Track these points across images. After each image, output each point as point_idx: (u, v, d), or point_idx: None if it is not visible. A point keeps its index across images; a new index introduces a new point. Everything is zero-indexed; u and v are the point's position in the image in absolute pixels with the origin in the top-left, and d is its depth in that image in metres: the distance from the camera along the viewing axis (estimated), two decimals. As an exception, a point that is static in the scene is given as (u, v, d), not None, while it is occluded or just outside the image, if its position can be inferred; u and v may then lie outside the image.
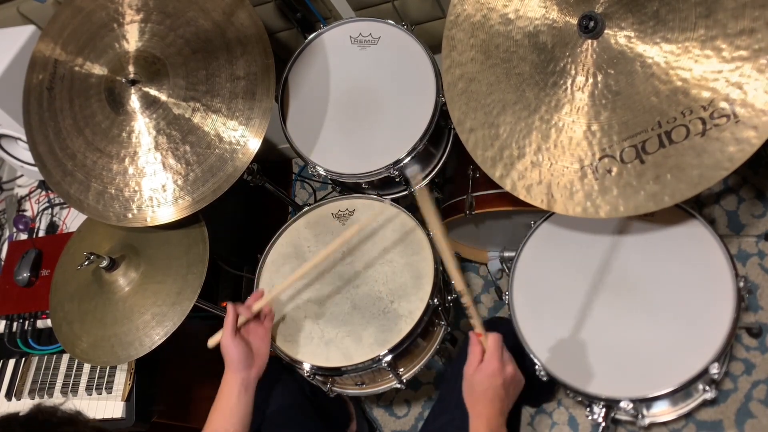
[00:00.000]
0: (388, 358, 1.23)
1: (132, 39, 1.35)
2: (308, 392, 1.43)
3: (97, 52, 1.37)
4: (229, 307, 1.16)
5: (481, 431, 1.01)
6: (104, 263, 1.33)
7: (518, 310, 1.24)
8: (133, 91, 1.30)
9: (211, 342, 1.18)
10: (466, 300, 1.07)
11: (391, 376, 1.32)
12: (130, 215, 1.32)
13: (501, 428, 1.02)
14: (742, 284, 1.11)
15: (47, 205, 1.80)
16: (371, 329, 1.26)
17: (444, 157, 1.49)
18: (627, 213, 1.02)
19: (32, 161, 1.41)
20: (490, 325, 1.41)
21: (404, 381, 1.33)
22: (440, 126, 1.42)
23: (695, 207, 1.21)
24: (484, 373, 1.03)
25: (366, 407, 1.83)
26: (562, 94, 1.10)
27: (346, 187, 1.55)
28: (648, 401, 1.10)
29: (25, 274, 1.60)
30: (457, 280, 1.07)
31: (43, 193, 1.83)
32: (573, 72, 1.08)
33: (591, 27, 1.03)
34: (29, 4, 1.65)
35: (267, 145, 2.14)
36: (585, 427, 1.61)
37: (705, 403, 1.30)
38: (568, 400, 1.64)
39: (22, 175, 1.90)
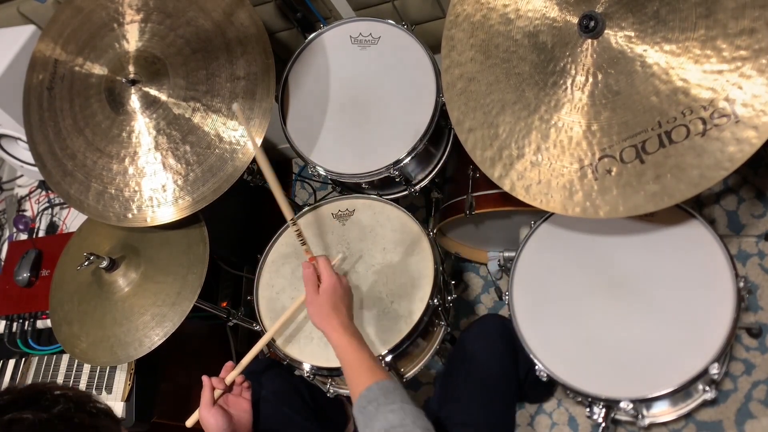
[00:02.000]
0: (388, 358, 1.23)
1: (132, 39, 1.35)
2: (305, 393, 1.43)
3: (97, 52, 1.37)
4: (205, 380, 1.14)
5: (343, 340, 1.07)
6: (104, 264, 1.33)
7: (518, 310, 1.24)
8: (133, 91, 1.30)
9: (189, 422, 1.16)
10: (295, 228, 1.15)
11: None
12: (130, 215, 1.32)
13: (356, 330, 1.10)
14: (742, 284, 1.11)
15: (47, 205, 1.80)
16: (371, 329, 1.26)
17: (444, 157, 1.49)
18: (626, 213, 1.02)
19: (32, 161, 1.41)
20: (485, 321, 1.42)
21: (404, 381, 1.33)
22: (440, 126, 1.42)
23: (695, 207, 1.21)
24: (327, 290, 1.11)
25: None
26: (561, 94, 1.09)
27: (346, 187, 1.55)
28: (648, 401, 1.10)
29: (25, 274, 1.60)
30: (285, 210, 1.16)
31: (43, 193, 1.83)
32: (573, 72, 1.08)
33: (591, 27, 1.03)
34: (29, 4, 1.65)
35: (267, 145, 2.14)
36: (585, 427, 1.61)
37: (705, 404, 1.30)
38: (568, 400, 1.64)
39: (22, 175, 1.90)
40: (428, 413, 1.32)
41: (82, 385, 1.48)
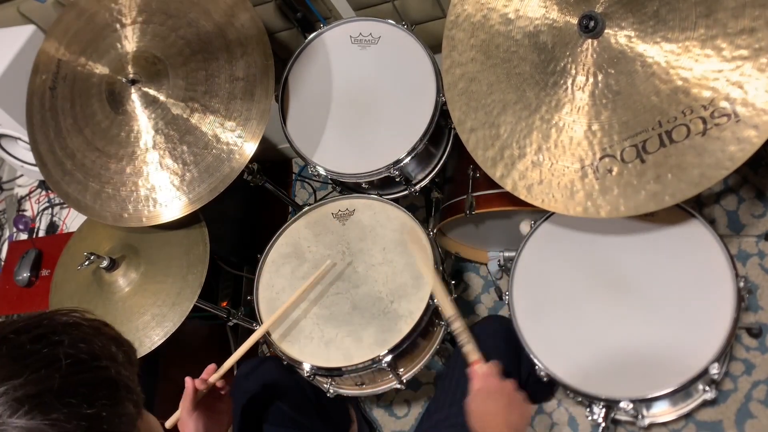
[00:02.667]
0: (388, 358, 1.23)
1: (133, 39, 1.35)
2: (310, 394, 1.43)
3: (99, 52, 1.37)
4: (188, 381, 1.11)
5: None
6: (104, 263, 1.33)
7: (518, 310, 1.24)
8: (132, 90, 1.30)
9: (170, 423, 1.14)
10: (458, 326, 1.11)
11: (391, 376, 1.32)
12: (126, 215, 1.32)
13: None
14: (742, 284, 1.11)
15: (47, 205, 1.80)
16: (371, 329, 1.26)
17: (444, 157, 1.49)
18: (627, 213, 1.02)
19: (32, 161, 1.41)
20: (487, 323, 1.42)
21: (404, 381, 1.33)
22: (440, 126, 1.42)
23: (695, 207, 1.21)
24: (486, 392, 1.02)
25: (366, 407, 1.82)
26: (562, 94, 1.09)
27: (346, 187, 1.55)
28: (648, 401, 1.10)
29: (25, 274, 1.60)
30: (447, 308, 1.14)
31: (43, 193, 1.83)
32: (573, 72, 1.08)
33: (591, 27, 1.03)
34: (29, 4, 1.65)
35: (267, 145, 2.14)
36: (585, 427, 1.61)
37: (705, 404, 1.30)
38: (568, 400, 1.64)
39: (22, 175, 1.90)
40: (429, 414, 1.33)
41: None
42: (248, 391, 1.35)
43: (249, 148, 1.27)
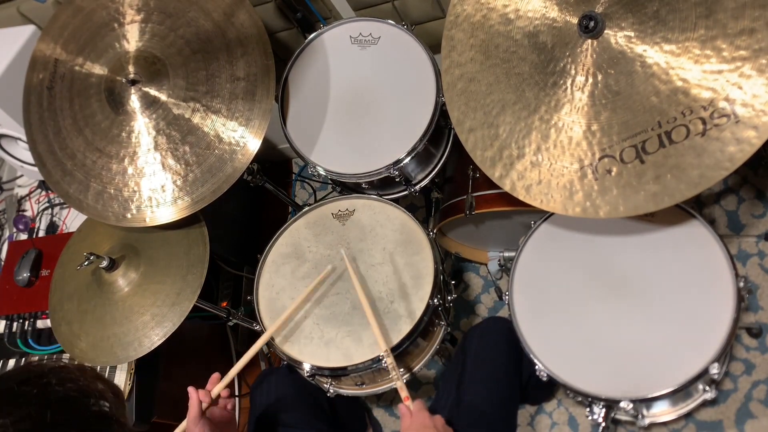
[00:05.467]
0: (389, 358, 1.22)
1: (132, 39, 1.35)
2: (323, 401, 1.43)
3: (98, 51, 1.37)
4: (191, 392, 1.12)
5: None
6: (104, 263, 1.33)
7: (518, 310, 1.24)
8: (133, 91, 1.30)
9: None
10: (390, 362, 1.16)
11: (391, 376, 1.32)
12: (129, 215, 1.32)
13: None
14: (742, 284, 1.11)
15: (47, 205, 1.80)
16: (371, 329, 1.26)
17: (444, 157, 1.49)
18: (627, 213, 1.02)
19: (32, 161, 1.40)
20: (490, 324, 1.42)
21: (404, 381, 1.32)
22: (440, 126, 1.42)
23: (695, 207, 1.21)
24: (416, 424, 1.07)
25: (366, 407, 1.82)
26: (561, 94, 1.09)
27: (346, 187, 1.55)
28: (648, 401, 1.10)
29: (25, 274, 1.60)
30: (380, 342, 1.18)
31: (43, 193, 1.83)
32: (573, 72, 1.08)
33: (591, 27, 1.03)
34: (29, 4, 1.65)
35: (267, 145, 2.14)
36: (585, 427, 1.61)
37: (705, 403, 1.30)
38: (568, 400, 1.64)
39: (22, 175, 1.90)
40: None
41: (82, 385, 1.48)
42: (262, 404, 1.36)
43: (252, 148, 1.27)
